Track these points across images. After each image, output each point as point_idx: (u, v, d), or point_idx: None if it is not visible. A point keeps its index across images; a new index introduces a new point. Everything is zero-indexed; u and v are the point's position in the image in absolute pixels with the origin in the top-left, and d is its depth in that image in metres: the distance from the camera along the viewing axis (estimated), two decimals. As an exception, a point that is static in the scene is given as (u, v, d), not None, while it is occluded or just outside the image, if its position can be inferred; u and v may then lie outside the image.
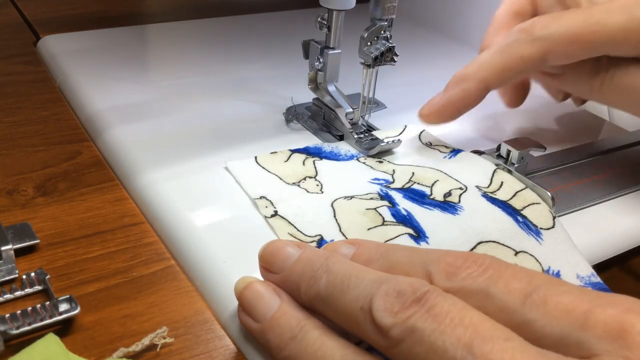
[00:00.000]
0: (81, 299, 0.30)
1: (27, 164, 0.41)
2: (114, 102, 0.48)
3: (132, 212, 0.37)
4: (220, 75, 0.54)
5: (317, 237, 0.35)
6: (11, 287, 0.31)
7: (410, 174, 0.41)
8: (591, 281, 0.35)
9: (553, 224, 0.37)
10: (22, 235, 0.33)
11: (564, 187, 0.42)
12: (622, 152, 0.48)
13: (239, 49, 0.61)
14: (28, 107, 0.48)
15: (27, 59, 0.56)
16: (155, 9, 0.72)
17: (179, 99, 0.49)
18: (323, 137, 0.46)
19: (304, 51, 0.45)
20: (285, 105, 0.49)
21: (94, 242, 0.35)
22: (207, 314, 0.31)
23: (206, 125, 0.46)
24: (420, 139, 0.46)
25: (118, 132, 0.44)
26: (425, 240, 0.35)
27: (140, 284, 0.32)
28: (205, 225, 0.36)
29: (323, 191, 0.39)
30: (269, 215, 0.36)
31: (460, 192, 0.39)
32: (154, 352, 0.28)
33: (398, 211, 0.37)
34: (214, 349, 0.29)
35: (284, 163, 0.41)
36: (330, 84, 0.45)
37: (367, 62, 0.43)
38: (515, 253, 0.35)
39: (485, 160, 0.42)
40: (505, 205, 0.38)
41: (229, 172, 0.40)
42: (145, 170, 0.40)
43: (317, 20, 0.43)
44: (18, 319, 0.28)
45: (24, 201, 0.37)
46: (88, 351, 0.28)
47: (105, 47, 0.58)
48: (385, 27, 0.42)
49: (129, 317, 0.30)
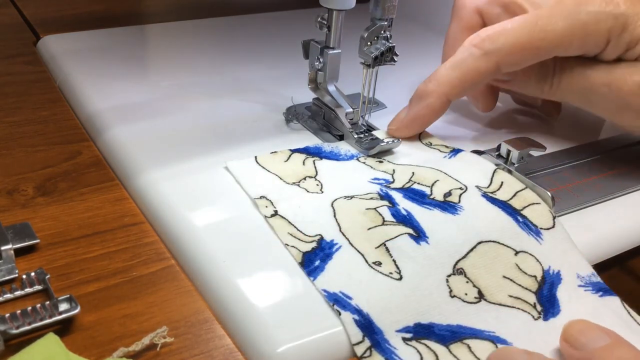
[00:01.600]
0: (81, 299, 0.30)
1: (27, 164, 0.41)
2: (114, 102, 0.48)
3: (132, 212, 0.37)
4: (220, 75, 0.54)
5: (317, 237, 0.35)
6: (11, 287, 0.31)
7: (410, 173, 0.41)
8: (591, 281, 0.35)
9: (553, 224, 0.37)
10: (22, 235, 0.33)
11: (564, 187, 0.42)
12: (622, 152, 0.48)
13: (239, 49, 0.61)
14: (28, 107, 0.48)
15: (27, 59, 0.56)
16: (155, 9, 0.72)
17: (179, 99, 0.49)
18: (323, 137, 0.46)
19: (304, 51, 0.45)
20: (285, 105, 0.49)
21: (93, 242, 0.35)
22: (207, 313, 0.31)
23: (206, 125, 0.46)
24: (420, 139, 0.46)
25: (118, 132, 0.44)
26: (425, 240, 0.35)
27: (140, 284, 0.32)
28: (205, 225, 0.36)
29: (323, 191, 0.39)
30: (269, 215, 0.36)
31: (460, 192, 0.39)
32: (154, 352, 0.28)
33: (398, 211, 0.37)
34: (214, 348, 0.29)
35: (284, 163, 0.41)
36: (330, 84, 0.45)
37: (367, 62, 0.43)
38: (515, 253, 0.35)
39: (485, 160, 0.42)
40: (505, 205, 0.38)
41: (229, 172, 0.40)
42: (145, 170, 0.40)
43: (317, 20, 0.43)
44: (18, 319, 0.28)
45: (24, 201, 0.37)
46: (88, 351, 0.28)
47: (105, 47, 0.58)
48: (385, 27, 0.42)
49: (129, 316, 0.30)
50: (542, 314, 0.33)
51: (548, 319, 0.33)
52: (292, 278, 0.33)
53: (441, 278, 0.33)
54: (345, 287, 0.32)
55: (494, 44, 0.41)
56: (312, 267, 0.33)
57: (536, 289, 0.34)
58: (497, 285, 0.34)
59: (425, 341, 0.30)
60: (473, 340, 0.31)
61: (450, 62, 0.42)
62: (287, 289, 0.32)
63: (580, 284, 0.35)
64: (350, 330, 0.30)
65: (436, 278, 0.33)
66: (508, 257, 0.35)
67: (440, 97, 0.43)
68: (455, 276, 0.33)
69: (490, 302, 0.33)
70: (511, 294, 0.34)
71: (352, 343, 0.29)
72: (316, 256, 0.33)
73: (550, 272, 0.35)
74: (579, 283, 0.35)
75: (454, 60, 0.42)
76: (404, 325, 0.31)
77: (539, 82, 0.44)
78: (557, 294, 0.34)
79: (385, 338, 0.30)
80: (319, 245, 0.34)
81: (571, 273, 0.35)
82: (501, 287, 0.34)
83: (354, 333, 0.30)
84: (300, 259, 0.33)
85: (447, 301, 0.32)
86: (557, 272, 0.35)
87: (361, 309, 0.31)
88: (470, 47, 0.42)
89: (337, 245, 0.34)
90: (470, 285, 0.33)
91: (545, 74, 0.43)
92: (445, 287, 0.33)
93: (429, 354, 0.30)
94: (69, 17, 0.65)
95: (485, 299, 0.33)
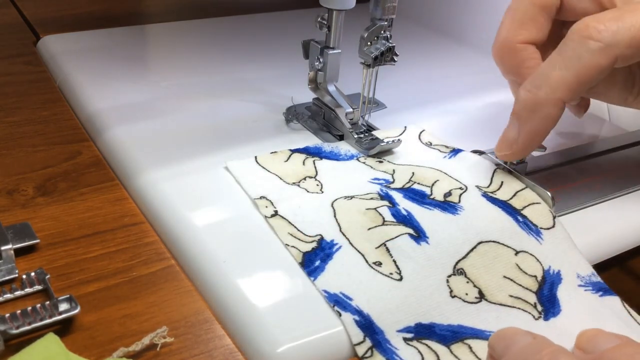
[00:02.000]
0: (81, 299, 0.30)
1: (27, 164, 0.41)
2: (114, 102, 0.48)
3: (132, 212, 0.37)
4: (220, 75, 0.54)
5: (317, 237, 0.35)
6: (11, 287, 0.31)
7: (410, 173, 0.41)
8: (591, 281, 0.35)
9: (553, 224, 0.37)
10: (22, 235, 0.33)
11: (564, 187, 0.42)
12: (621, 152, 0.48)
13: (239, 49, 0.61)
14: (28, 107, 0.48)
15: (27, 59, 0.56)
16: (155, 9, 0.72)
17: (179, 99, 0.49)
18: (323, 137, 0.46)
19: (304, 51, 0.45)
20: (285, 105, 0.49)
21: (94, 242, 0.35)
22: (207, 313, 0.31)
23: (206, 125, 0.46)
24: (420, 138, 0.46)
25: (118, 132, 0.44)
26: (425, 240, 0.35)
27: (140, 284, 0.32)
28: (205, 225, 0.36)
29: (323, 191, 0.39)
30: (269, 215, 0.36)
31: (461, 192, 0.39)
32: (154, 352, 0.28)
33: (398, 211, 0.37)
34: (214, 348, 0.29)
35: (284, 163, 0.41)
36: (330, 84, 0.45)
37: (367, 62, 0.43)
38: (515, 253, 0.35)
39: (485, 160, 0.42)
40: (505, 205, 0.38)
41: (229, 172, 0.40)
42: (145, 170, 0.40)
43: (317, 20, 0.43)
44: (18, 319, 0.28)
45: (24, 201, 0.37)
46: (88, 351, 0.28)
47: (105, 47, 0.58)
48: (385, 27, 0.42)
49: (129, 316, 0.30)
50: (542, 314, 0.33)
51: (548, 318, 0.33)
52: (292, 278, 0.33)
53: (441, 278, 0.33)
54: (345, 288, 0.32)
55: (615, 37, 0.35)
56: (312, 267, 0.33)
57: (536, 288, 0.34)
58: (497, 285, 0.34)
59: (426, 341, 0.30)
60: (474, 340, 0.31)
61: (560, 61, 0.36)
62: (288, 289, 0.32)
63: (580, 283, 0.35)
64: (351, 330, 0.30)
65: (436, 278, 0.33)
66: (508, 257, 0.35)
67: (557, 104, 0.36)
68: (455, 276, 0.33)
69: (491, 302, 0.33)
70: (512, 293, 0.34)
71: (354, 343, 0.29)
72: (316, 256, 0.33)
73: (550, 272, 0.35)
74: (579, 283, 0.35)
75: (564, 57, 0.36)
76: (404, 325, 0.31)
77: (624, 89, 0.40)
78: (557, 294, 0.34)
79: (386, 338, 0.30)
80: (319, 245, 0.34)
81: (571, 273, 0.35)
82: (501, 287, 0.34)
83: (355, 333, 0.30)
84: (300, 259, 0.33)
85: (447, 301, 0.32)
86: (558, 272, 0.35)
87: (361, 309, 0.31)
88: (584, 40, 0.35)
89: (338, 246, 0.34)
90: (471, 286, 0.33)
91: (632, 81, 0.39)
92: (445, 288, 0.33)
93: (430, 354, 0.30)
94: (69, 17, 0.65)
95: (486, 299, 0.33)
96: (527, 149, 0.39)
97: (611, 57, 0.35)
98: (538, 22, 0.40)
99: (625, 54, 0.35)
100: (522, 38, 0.40)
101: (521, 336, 0.27)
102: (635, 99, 0.40)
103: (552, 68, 0.36)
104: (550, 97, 0.36)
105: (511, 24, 0.41)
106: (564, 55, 0.36)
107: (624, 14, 0.35)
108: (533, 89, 0.37)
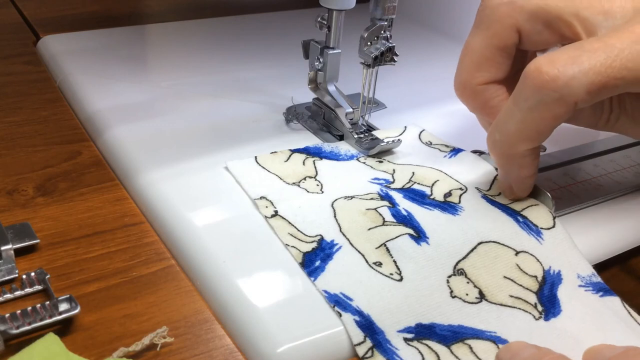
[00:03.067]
0: (81, 299, 0.30)
1: (27, 164, 0.41)
2: (114, 102, 0.48)
3: (132, 212, 0.37)
4: (220, 75, 0.54)
5: (318, 237, 0.35)
6: (11, 287, 0.31)
7: (410, 173, 0.41)
8: (592, 281, 0.35)
9: (553, 224, 0.37)
10: (22, 235, 0.33)
11: (564, 187, 0.42)
12: (622, 152, 0.48)
13: (239, 49, 0.61)
14: (28, 107, 0.48)
15: (27, 59, 0.56)
16: (155, 9, 0.72)
17: (179, 99, 0.49)
18: (323, 137, 0.46)
19: (304, 51, 0.45)
20: (285, 105, 0.49)
21: (94, 242, 0.35)
22: (207, 313, 0.31)
23: (206, 125, 0.46)
24: (420, 138, 0.46)
25: (118, 132, 0.44)
26: (425, 241, 0.35)
27: (140, 284, 0.32)
28: (205, 225, 0.36)
29: (323, 191, 0.39)
30: (269, 215, 0.36)
31: (461, 193, 0.39)
32: (154, 352, 0.28)
33: (398, 211, 0.37)
34: (214, 348, 0.29)
35: (284, 163, 0.41)
36: (330, 84, 0.45)
37: (367, 62, 0.43)
38: (515, 253, 0.35)
39: (486, 162, 0.42)
40: (505, 207, 0.38)
41: (229, 172, 0.40)
42: (145, 170, 0.40)
43: (317, 20, 0.43)
44: (18, 319, 0.28)
45: (24, 201, 0.37)
46: (88, 351, 0.28)
47: (105, 47, 0.58)
48: (385, 27, 0.42)
49: (129, 317, 0.30)
50: (543, 314, 0.33)
51: (549, 319, 0.33)
52: (292, 278, 0.33)
53: (442, 278, 0.33)
54: (345, 288, 0.32)
55: (570, 84, 0.32)
56: (312, 267, 0.33)
57: (537, 289, 0.34)
58: (497, 285, 0.34)
59: (426, 341, 0.30)
60: (474, 340, 0.31)
61: (515, 113, 0.34)
62: (288, 289, 0.32)
63: (580, 284, 0.35)
64: (352, 330, 0.30)
65: (437, 278, 0.33)
66: (508, 258, 0.35)
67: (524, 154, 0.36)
68: (455, 277, 0.33)
69: (491, 303, 0.33)
70: (512, 294, 0.33)
71: (354, 344, 0.29)
72: (316, 256, 0.33)
73: (550, 272, 0.35)
74: (580, 283, 0.35)
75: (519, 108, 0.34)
76: (405, 325, 0.31)
77: (593, 116, 0.38)
78: (557, 294, 0.34)
79: (386, 338, 0.30)
80: (320, 245, 0.34)
81: (571, 273, 0.35)
82: (502, 288, 0.34)
83: (355, 334, 0.30)
84: (300, 259, 0.33)
85: (448, 302, 0.32)
86: (558, 272, 0.35)
87: (362, 310, 0.31)
88: (537, 90, 0.33)
89: (338, 246, 0.34)
90: (471, 286, 0.33)
91: (600, 109, 0.38)
92: (445, 288, 0.33)
93: (431, 354, 0.30)
94: (69, 17, 0.65)
95: (486, 299, 0.33)
96: (527, 188, 0.38)
97: (569, 104, 0.33)
98: (496, 62, 0.38)
99: (585, 99, 0.33)
100: (482, 80, 0.38)
101: (526, 348, 0.28)
102: (605, 124, 0.38)
103: (509, 119, 0.35)
104: (514, 151, 0.36)
105: (469, 65, 0.39)
106: (518, 105, 0.34)
107: (581, 55, 0.33)
108: (498, 141, 0.36)
